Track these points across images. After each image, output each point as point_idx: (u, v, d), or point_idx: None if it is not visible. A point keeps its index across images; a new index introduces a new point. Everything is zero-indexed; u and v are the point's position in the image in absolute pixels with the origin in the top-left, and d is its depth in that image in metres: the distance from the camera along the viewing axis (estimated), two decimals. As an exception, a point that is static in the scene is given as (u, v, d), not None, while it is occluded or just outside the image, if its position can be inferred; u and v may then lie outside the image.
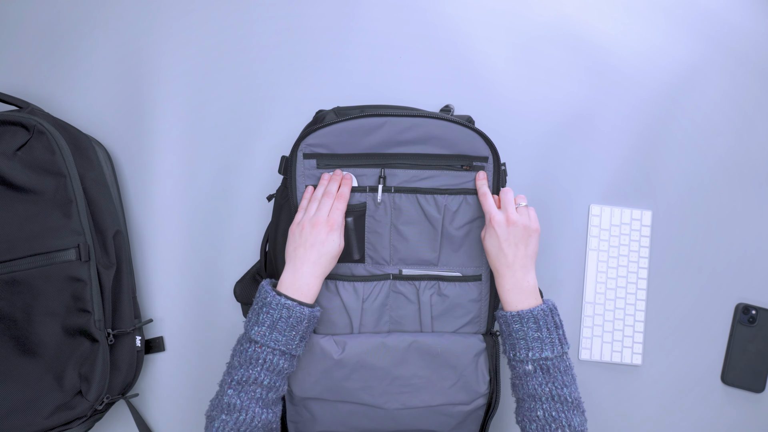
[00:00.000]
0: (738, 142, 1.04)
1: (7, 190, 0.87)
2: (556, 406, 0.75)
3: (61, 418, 0.84)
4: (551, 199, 1.03)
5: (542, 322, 0.78)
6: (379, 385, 0.84)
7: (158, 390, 0.99)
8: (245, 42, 1.04)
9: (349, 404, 0.84)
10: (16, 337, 0.85)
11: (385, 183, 0.85)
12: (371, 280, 0.87)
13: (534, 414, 0.76)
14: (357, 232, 0.86)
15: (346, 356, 0.83)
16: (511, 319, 0.79)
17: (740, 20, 1.05)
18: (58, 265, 0.86)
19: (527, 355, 0.77)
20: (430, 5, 1.04)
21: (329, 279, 0.86)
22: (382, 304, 0.87)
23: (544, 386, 0.76)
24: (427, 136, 0.84)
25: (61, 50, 1.03)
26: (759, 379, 1.00)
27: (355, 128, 0.84)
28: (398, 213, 0.86)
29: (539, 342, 0.77)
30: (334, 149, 0.85)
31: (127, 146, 1.02)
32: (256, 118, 1.03)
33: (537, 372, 0.77)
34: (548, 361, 0.77)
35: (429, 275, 0.87)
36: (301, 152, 0.85)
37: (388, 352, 0.83)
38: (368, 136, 0.84)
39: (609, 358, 1.00)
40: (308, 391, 0.83)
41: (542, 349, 0.77)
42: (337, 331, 0.85)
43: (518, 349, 0.78)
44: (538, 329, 0.78)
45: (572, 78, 1.04)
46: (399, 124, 0.84)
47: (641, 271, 1.01)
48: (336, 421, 0.85)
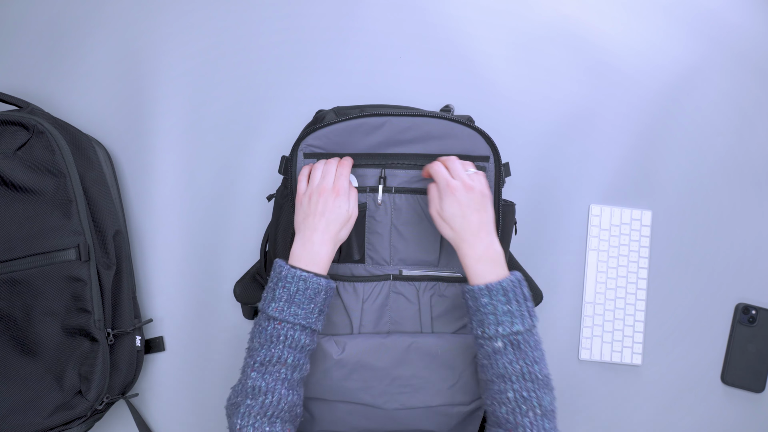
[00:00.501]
0: (738, 142, 1.04)
1: (7, 190, 0.87)
2: (527, 385, 0.72)
3: (61, 417, 0.84)
4: (551, 199, 1.03)
5: (512, 294, 0.74)
6: (379, 385, 0.84)
7: (158, 390, 0.99)
8: (245, 42, 1.04)
9: (348, 404, 0.84)
10: (16, 337, 0.85)
11: (385, 183, 0.85)
12: (371, 280, 0.87)
13: (504, 396, 0.72)
14: (357, 233, 0.86)
15: (345, 356, 0.83)
16: (479, 292, 0.74)
17: (740, 20, 1.05)
18: (58, 264, 0.86)
19: (497, 330, 0.73)
20: (430, 5, 1.04)
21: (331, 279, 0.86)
22: (382, 304, 0.87)
23: (514, 364, 0.72)
24: (428, 136, 0.84)
25: (61, 50, 1.03)
26: (759, 379, 1.00)
27: (355, 128, 0.84)
28: (398, 213, 0.86)
29: (509, 316, 0.73)
30: (334, 149, 0.85)
31: (127, 146, 1.02)
32: (255, 118, 1.03)
33: (507, 348, 0.72)
34: (519, 336, 0.73)
35: (429, 276, 0.87)
36: (301, 152, 0.85)
37: (388, 353, 0.83)
38: (368, 136, 0.84)
39: (609, 358, 1.00)
40: (308, 391, 0.83)
41: (512, 323, 0.73)
42: (337, 332, 0.86)
43: (487, 325, 0.73)
44: (508, 302, 0.73)
45: (572, 78, 1.04)
46: (399, 124, 0.84)
47: (641, 271, 1.01)
48: (335, 421, 0.85)
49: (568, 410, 1.00)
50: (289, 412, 0.74)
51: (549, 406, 0.72)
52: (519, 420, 0.71)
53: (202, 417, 0.99)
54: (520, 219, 1.02)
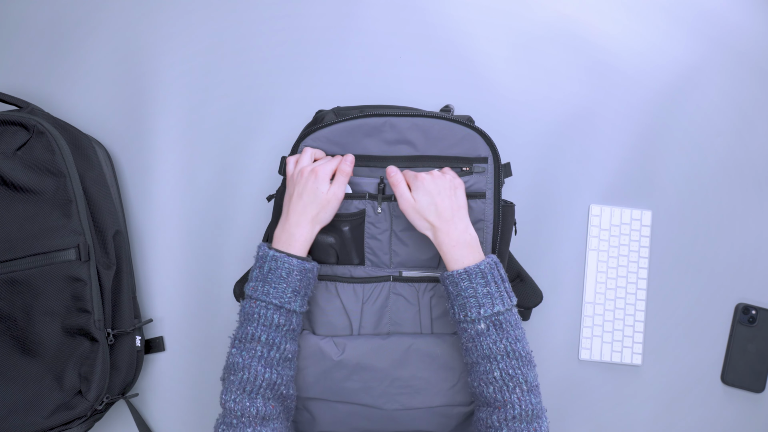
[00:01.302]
0: (738, 142, 1.04)
1: (7, 190, 0.87)
2: (512, 363, 0.73)
3: (61, 418, 0.84)
4: (551, 199, 1.03)
5: (490, 276, 0.76)
6: (379, 386, 0.84)
7: (158, 390, 0.99)
8: (245, 42, 1.04)
9: (348, 405, 0.84)
10: (16, 337, 0.85)
11: (384, 192, 0.85)
12: (371, 281, 0.87)
13: (491, 376, 0.74)
14: (355, 240, 0.86)
15: (345, 357, 0.83)
16: (459, 277, 0.76)
17: (740, 20, 1.05)
18: (58, 264, 0.86)
19: (479, 312, 0.75)
20: (430, 5, 1.04)
21: (328, 281, 0.86)
22: (382, 305, 0.86)
23: (498, 343, 0.74)
24: (427, 137, 0.84)
25: (61, 50, 1.03)
26: (759, 379, 1.00)
27: (354, 128, 0.84)
28: (398, 221, 0.86)
29: (489, 297, 0.75)
30: (333, 150, 0.85)
31: (127, 146, 1.02)
32: (255, 118, 1.03)
33: (490, 329, 0.74)
34: (500, 316, 0.75)
35: (429, 277, 0.87)
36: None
37: (388, 354, 0.83)
38: (368, 137, 0.84)
39: (609, 358, 1.00)
40: (308, 391, 0.83)
41: (493, 304, 0.75)
42: (337, 333, 0.86)
43: (469, 308, 0.75)
44: (487, 284, 0.75)
45: (572, 78, 1.04)
46: (399, 124, 0.84)
47: (641, 271, 1.01)
48: (336, 422, 0.85)
49: (568, 410, 1.00)
50: (271, 389, 0.75)
51: (534, 382, 0.74)
52: (507, 397, 0.72)
53: (202, 417, 0.99)
54: (520, 219, 1.02)
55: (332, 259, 0.87)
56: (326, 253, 0.87)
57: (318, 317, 0.86)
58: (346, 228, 0.86)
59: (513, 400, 0.72)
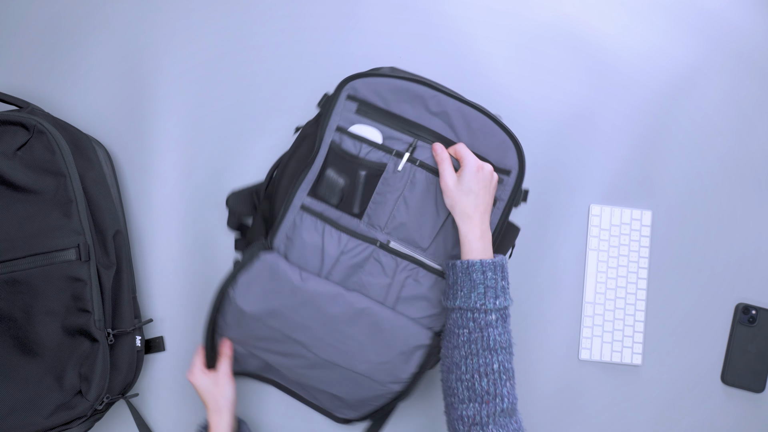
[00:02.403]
0: (738, 142, 1.04)
1: (7, 190, 0.87)
2: (508, 356, 0.76)
3: (61, 418, 0.84)
4: (551, 199, 1.03)
5: (504, 271, 0.79)
6: (320, 330, 0.84)
7: (158, 390, 0.99)
8: (245, 42, 1.04)
9: (282, 333, 0.85)
10: (16, 337, 0.85)
11: (413, 153, 0.85)
12: (358, 238, 0.86)
13: (489, 368, 0.75)
14: (365, 189, 0.86)
15: (303, 287, 0.83)
16: (487, 266, 0.77)
17: (740, 20, 1.05)
18: (58, 264, 0.86)
19: (494, 303, 0.76)
20: (430, 5, 1.04)
21: (320, 219, 0.86)
22: (358, 265, 0.86)
23: (503, 335, 0.76)
24: (469, 127, 0.84)
25: (61, 50, 1.03)
26: (759, 379, 1.00)
27: (403, 89, 0.84)
28: (412, 187, 0.85)
29: (503, 291, 0.78)
30: (375, 101, 0.85)
31: (127, 146, 1.02)
32: (255, 118, 1.03)
33: (498, 321, 0.76)
34: (507, 310, 0.78)
35: (413, 257, 0.86)
36: (345, 93, 0.85)
37: (343, 306, 0.83)
38: (410, 102, 0.85)
39: (609, 358, 1.00)
40: (252, 305, 0.84)
41: (506, 297, 0.78)
42: (305, 267, 0.86)
43: (488, 298, 0.77)
44: (503, 278, 0.78)
45: (572, 78, 1.04)
46: (447, 103, 0.84)
47: (641, 271, 1.01)
48: (259, 338, 0.86)
49: (568, 410, 1.00)
50: None
51: (513, 372, 0.77)
52: (498, 390, 0.74)
53: (202, 417, 0.99)
54: (521, 219, 1.02)
55: (334, 200, 0.86)
56: (332, 192, 0.86)
57: (296, 246, 0.86)
58: (363, 173, 0.85)
59: (503, 393, 0.74)
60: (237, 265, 0.84)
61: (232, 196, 0.94)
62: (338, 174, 0.86)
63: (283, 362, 0.88)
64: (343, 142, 0.86)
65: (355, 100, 0.85)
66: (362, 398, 0.88)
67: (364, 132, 0.86)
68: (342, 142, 0.86)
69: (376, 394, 0.87)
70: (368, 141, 0.85)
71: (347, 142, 0.86)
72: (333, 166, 0.86)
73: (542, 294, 1.02)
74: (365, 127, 0.86)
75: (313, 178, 0.86)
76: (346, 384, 0.87)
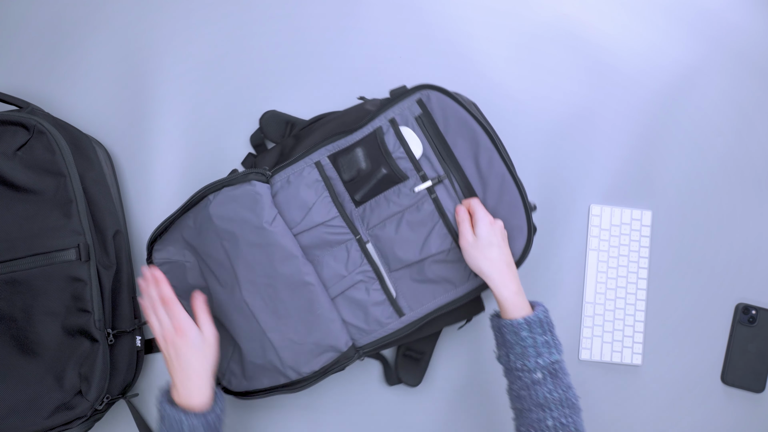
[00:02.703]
0: (738, 142, 1.04)
1: (7, 190, 0.87)
2: (564, 411, 0.73)
3: (61, 418, 0.84)
4: (551, 199, 1.03)
5: (546, 325, 0.76)
6: (260, 277, 0.84)
7: (158, 390, 0.99)
8: (245, 42, 1.04)
9: (228, 260, 0.85)
10: (16, 337, 0.85)
11: (435, 185, 0.86)
12: (344, 221, 0.87)
13: (543, 424, 0.73)
14: (376, 185, 0.86)
15: (268, 231, 0.84)
16: (519, 326, 0.75)
17: (740, 20, 1.05)
18: (58, 264, 0.86)
19: (537, 362, 0.74)
20: (430, 5, 1.04)
21: (325, 184, 0.86)
22: (329, 243, 0.87)
23: (553, 392, 0.73)
24: (498, 194, 0.85)
25: (61, 50, 1.03)
26: (759, 379, 1.00)
27: (468, 127, 0.85)
28: (415, 212, 0.86)
29: (547, 346, 0.75)
30: (438, 121, 0.86)
31: (127, 146, 1.02)
32: (255, 118, 1.03)
33: (546, 378, 0.74)
34: (556, 365, 0.75)
35: (378, 269, 0.87)
36: (419, 96, 0.86)
37: (293, 269, 0.84)
38: (468, 142, 0.85)
39: (609, 358, 1.00)
40: (220, 219, 0.84)
41: (551, 352, 0.75)
42: (284, 216, 0.86)
43: (527, 357, 0.75)
44: (544, 333, 0.75)
45: (572, 78, 1.04)
46: (494, 164, 0.84)
47: (641, 271, 1.01)
48: (207, 253, 0.86)
49: (568, 410, 1.01)
50: None
51: (582, 430, 0.73)
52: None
53: (202, 417, 0.99)
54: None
55: (346, 176, 0.87)
56: (349, 169, 0.87)
57: (289, 192, 0.86)
58: (384, 171, 0.86)
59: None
60: (230, 176, 0.85)
61: (270, 114, 0.96)
62: (364, 157, 0.86)
63: (217, 290, 0.87)
64: (386, 133, 0.86)
65: (422, 108, 0.86)
66: (258, 366, 0.87)
67: (409, 138, 0.86)
68: (386, 133, 0.86)
69: (271, 370, 0.86)
70: (407, 148, 0.86)
71: (390, 136, 0.86)
72: (365, 148, 0.86)
73: (542, 294, 1.02)
74: (413, 135, 0.86)
75: (341, 146, 0.87)
76: (252, 344, 0.86)
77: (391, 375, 0.97)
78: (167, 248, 0.90)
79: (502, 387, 0.99)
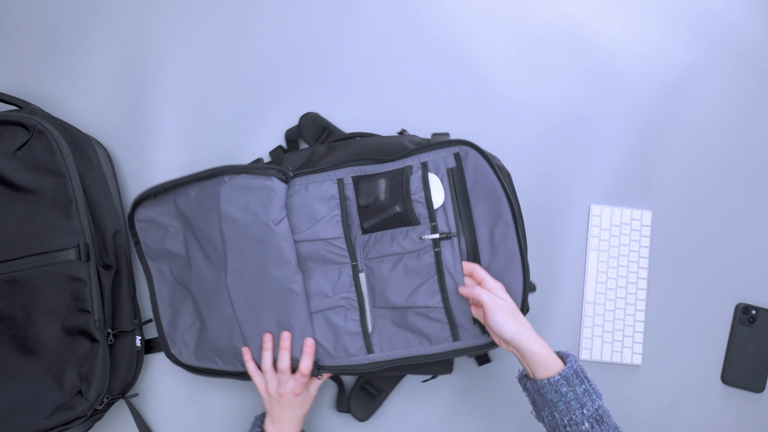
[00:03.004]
0: (738, 142, 1.04)
1: (7, 190, 0.87)
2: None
3: (61, 418, 0.84)
4: (551, 199, 1.03)
5: (581, 373, 0.75)
6: (249, 269, 0.85)
7: (158, 390, 0.99)
8: (245, 42, 1.04)
9: (221, 243, 0.86)
10: (16, 337, 0.85)
11: (441, 239, 0.84)
12: (346, 245, 0.87)
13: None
14: (387, 219, 0.85)
15: (271, 230, 0.84)
16: (558, 384, 0.74)
17: (740, 20, 1.05)
18: (58, 264, 0.86)
19: (583, 413, 0.73)
20: (430, 6, 1.04)
21: (340, 203, 0.86)
22: (325, 261, 0.87)
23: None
24: (504, 265, 0.84)
25: (61, 50, 1.03)
26: (759, 379, 1.00)
27: (495, 197, 0.83)
28: (414, 259, 0.85)
29: (588, 395, 0.74)
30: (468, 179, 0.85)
31: (127, 146, 1.02)
32: (255, 118, 1.03)
33: (594, 427, 0.73)
34: (600, 410, 0.74)
35: (362, 299, 0.87)
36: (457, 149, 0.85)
37: (282, 274, 0.84)
38: (489, 210, 0.84)
39: (609, 358, 1.00)
40: (227, 201, 0.85)
41: (592, 400, 0.74)
42: (290, 220, 0.87)
43: (572, 411, 0.74)
44: (582, 382, 0.74)
45: (572, 78, 1.04)
46: (509, 239, 0.83)
47: (641, 271, 1.01)
48: (202, 229, 0.87)
49: (568, 410, 1.00)
50: None
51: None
52: None
53: (202, 417, 0.99)
54: (520, 219, 1.03)
55: (361, 202, 0.86)
56: (367, 196, 0.86)
57: (303, 199, 0.87)
58: (398, 209, 0.85)
59: None
60: (253, 165, 0.85)
61: (312, 115, 0.97)
62: (386, 190, 0.86)
63: (199, 264, 0.88)
64: (414, 174, 0.86)
65: (457, 162, 0.85)
66: (218, 348, 0.88)
67: (434, 185, 0.85)
68: (414, 174, 0.86)
69: (231, 355, 0.88)
70: (428, 195, 0.85)
71: (416, 178, 0.85)
72: (389, 180, 0.86)
73: (542, 294, 1.02)
74: (439, 184, 0.85)
75: (368, 172, 0.87)
76: (221, 326, 0.87)
77: (342, 402, 0.96)
78: (154, 208, 0.91)
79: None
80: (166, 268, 0.93)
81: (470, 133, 1.03)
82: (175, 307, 0.92)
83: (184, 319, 0.91)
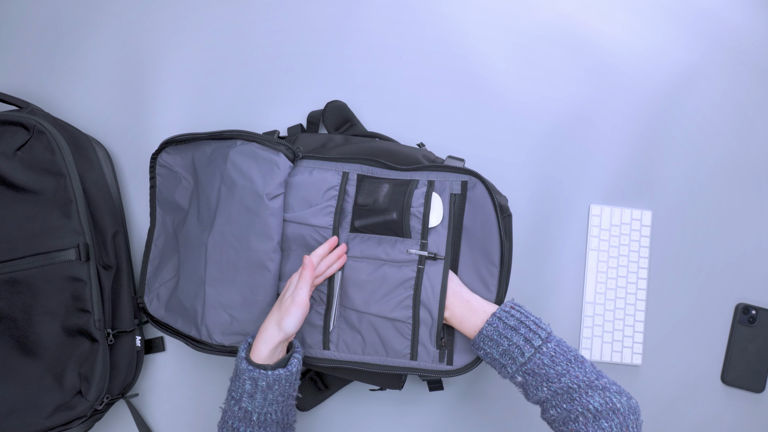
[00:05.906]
0: (738, 142, 1.04)
1: (7, 190, 0.87)
2: (564, 398, 0.73)
3: (61, 418, 0.84)
4: (551, 199, 1.03)
5: (503, 331, 0.77)
6: (231, 233, 0.86)
7: (158, 390, 0.99)
8: (244, 42, 1.04)
9: (215, 203, 0.87)
10: (16, 337, 0.85)
11: (427, 257, 0.85)
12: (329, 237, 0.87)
13: (548, 414, 0.75)
14: (379, 223, 0.86)
15: (263, 203, 0.85)
16: (476, 344, 0.79)
17: (740, 20, 1.05)
18: (58, 265, 0.86)
19: (511, 369, 0.77)
20: (430, 6, 1.04)
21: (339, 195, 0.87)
22: (307, 247, 0.87)
23: (541, 389, 0.75)
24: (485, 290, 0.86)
25: (61, 50, 1.03)
26: (759, 379, 1.00)
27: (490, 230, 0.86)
28: (394, 269, 0.85)
29: (509, 353, 0.76)
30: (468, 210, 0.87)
31: (127, 146, 1.02)
32: (255, 117, 1.03)
33: (527, 379, 0.76)
34: (527, 364, 0.75)
35: (331, 296, 0.86)
36: (468, 179, 0.87)
37: (263, 248, 0.85)
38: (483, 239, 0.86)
39: (609, 358, 1.00)
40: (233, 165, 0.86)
41: (514, 357, 0.76)
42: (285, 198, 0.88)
43: (502, 367, 0.78)
44: (498, 344, 0.77)
45: (572, 78, 1.04)
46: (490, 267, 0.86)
47: (641, 271, 1.01)
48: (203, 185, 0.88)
49: (568, 410, 1.00)
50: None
51: (601, 407, 0.71)
52: (572, 427, 0.72)
53: (202, 417, 0.99)
54: (520, 219, 1.02)
55: (360, 200, 0.86)
56: (367, 195, 0.86)
57: (305, 181, 0.87)
58: (394, 215, 0.85)
59: (578, 429, 0.72)
60: (266, 137, 0.86)
61: (339, 104, 0.98)
62: (387, 195, 0.86)
63: (191, 222, 0.89)
64: (418, 188, 0.86)
65: (463, 190, 0.86)
66: (182, 307, 0.88)
67: (435, 205, 0.86)
68: (418, 188, 0.86)
69: (190, 318, 0.87)
70: (426, 212, 0.85)
71: (419, 193, 0.86)
72: (393, 188, 0.86)
73: (542, 294, 1.02)
74: (440, 206, 0.86)
75: (375, 174, 0.88)
76: (189, 285, 0.88)
77: None
78: (176, 157, 0.93)
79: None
80: (170, 218, 0.94)
81: (470, 134, 1.03)
82: (163, 258, 0.93)
83: (167, 271, 0.92)
